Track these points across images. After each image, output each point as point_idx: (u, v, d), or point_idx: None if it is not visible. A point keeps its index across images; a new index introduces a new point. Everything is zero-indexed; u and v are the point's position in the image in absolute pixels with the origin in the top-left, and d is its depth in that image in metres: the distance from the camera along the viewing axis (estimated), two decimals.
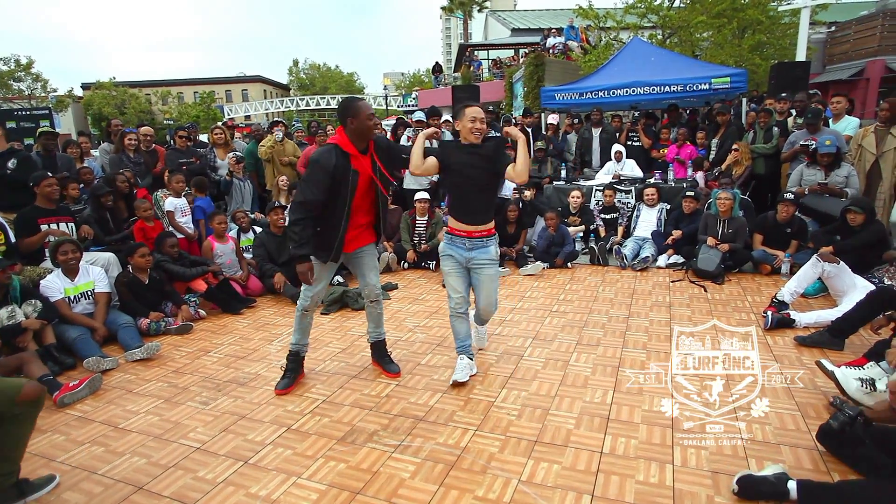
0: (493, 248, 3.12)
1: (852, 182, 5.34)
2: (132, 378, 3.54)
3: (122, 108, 37.55)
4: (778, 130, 6.41)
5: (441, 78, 27.40)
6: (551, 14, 30.72)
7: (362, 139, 2.99)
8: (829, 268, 4.06)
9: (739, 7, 12.34)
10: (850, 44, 14.00)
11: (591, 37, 16.80)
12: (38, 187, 4.46)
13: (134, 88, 41.21)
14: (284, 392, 3.20)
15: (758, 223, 5.54)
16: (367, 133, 2.98)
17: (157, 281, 4.53)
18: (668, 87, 7.68)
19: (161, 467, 2.51)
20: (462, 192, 3.12)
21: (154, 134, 6.76)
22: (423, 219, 6.14)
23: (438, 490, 2.27)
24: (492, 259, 3.13)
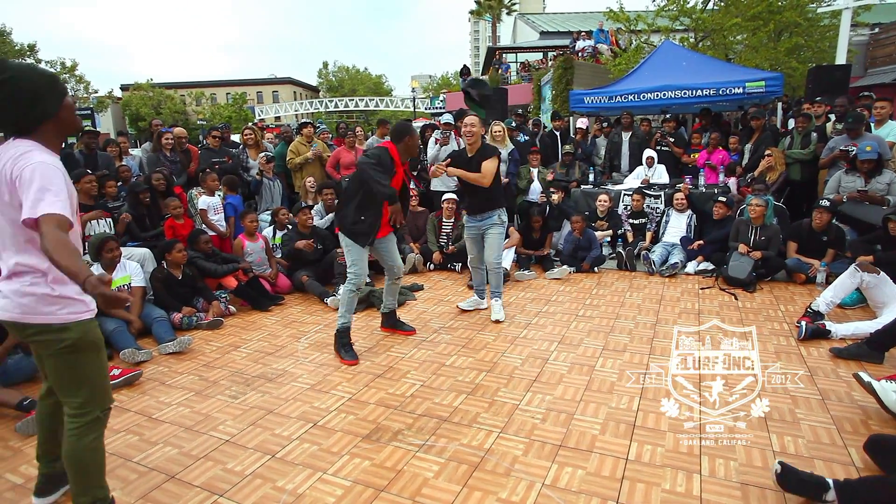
0: (496, 216, 4.38)
1: (894, 190, 5.15)
2: (165, 370, 3.65)
3: (158, 109, 38.71)
4: (816, 136, 6.23)
5: None
6: (581, 17, 30.45)
7: (407, 154, 3.88)
8: (869, 278, 3.92)
9: (776, 9, 11.99)
10: (895, 46, 13.50)
11: (621, 40, 16.59)
12: (77, 184, 4.64)
13: (169, 90, 42.44)
14: (354, 362, 3.66)
15: (792, 231, 5.39)
16: (413, 151, 3.95)
17: (189, 277, 4.66)
18: (700, 90, 7.53)
19: (192, 458, 2.58)
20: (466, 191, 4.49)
21: (187, 135, 6.95)
22: (449, 220, 6.16)
23: (462, 491, 2.28)
24: (495, 223, 4.39)
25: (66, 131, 1.99)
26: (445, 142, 6.54)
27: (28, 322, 1.88)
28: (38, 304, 1.86)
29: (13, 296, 1.86)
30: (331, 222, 5.92)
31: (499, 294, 4.53)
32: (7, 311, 1.88)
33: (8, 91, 1.77)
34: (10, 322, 1.90)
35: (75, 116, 1.98)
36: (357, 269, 3.79)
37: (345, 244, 3.82)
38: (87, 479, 2.03)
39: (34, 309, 1.86)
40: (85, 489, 2.03)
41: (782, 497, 2.17)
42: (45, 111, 1.85)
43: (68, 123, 1.94)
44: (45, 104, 1.84)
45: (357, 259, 3.78)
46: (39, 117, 1.84)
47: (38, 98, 1.82)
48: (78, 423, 1.96)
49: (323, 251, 5.55)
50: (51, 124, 1.88)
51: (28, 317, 1.87)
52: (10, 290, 1.87)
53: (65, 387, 1.96)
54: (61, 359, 1.91)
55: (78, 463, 2.00)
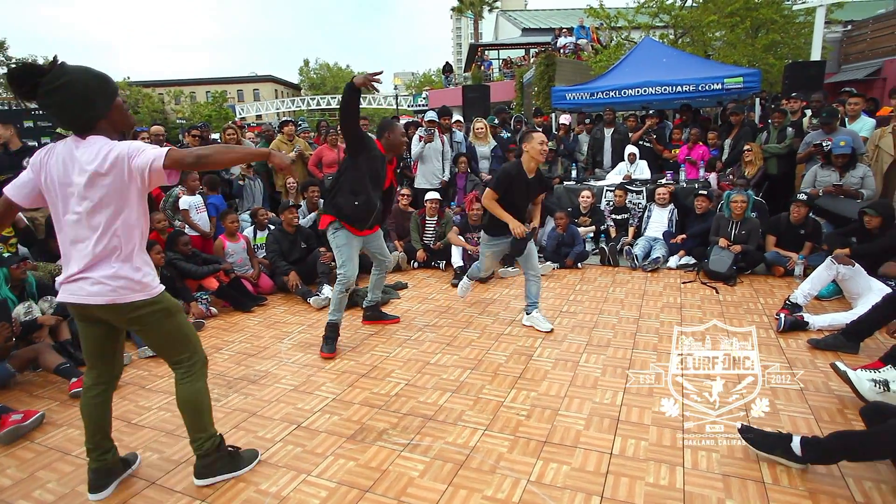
0: None
1: (868, 183, 5.27)
2: (145, 374, 3.58)
3: (135, 108, 37.96)
4: (792, 131, 6.34)
5: (451, 78, 27.41)
6: (562, 14, 30.62)
7: (392, 151, 3.87)
8: (844, 270, 4.01)
9: (753, 6, 12.19)
10: (867, 43, 13.80)
11: (602, 36, 16.71)
12: None
13: (147, 88, 41.69)
14: (331, 355, 3.68)
15: (771, 224, 5.48)
16: (399, 148, 3.91)
17: (168, 279, 4.57)
18: (680, 87, 7.62)
19: (173, 462, 2.53)
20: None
21: (166, 133, 6.82)
22: (433, 219, 6.15)
23: (447, 489, 2.27)
24: None
25: (119, 128, 2.10)
26: (430, 139, 6.52)
27: (126, 302, 2.04)
28: (130, 284, 2.03)
29: (108, 280, 2.00)
30: (314, 221, 5.86)
31: (538, 303, 4.23)
32: (103, 296, 2.01)
33: (65, 94, 1.90)
34: (109, 305, 2.03)
35: (127, 115, 2.13)
36: (347, 269, 3.74)
37: (335, 244, 3.76)
38: (203, 418, 2.32)
39: (130, 287, 2.03)
40: (203, 427, 2.32)
41: (763, 488, 2.20)
42: (98, 111, 1.98)
43: (120, 122, 2.08)
44: (98, 105, 1.97)
45: (348, 259, 3.73)
46: (95, 116, 1.98)
47: (91, 99, 1.95)
48: (190, 373, 2.25)
49: (307, 250, 5.50)
50: (104, 123, 2.02)
51: (126, 296, 2.03)
52: (101, 276, 2.00)
53: (172, 348, 2.24)
54: (162, 325, 2.16)
55: (195, 406, 2.28)
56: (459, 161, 6.80)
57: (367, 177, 3.66)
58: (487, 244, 4.27)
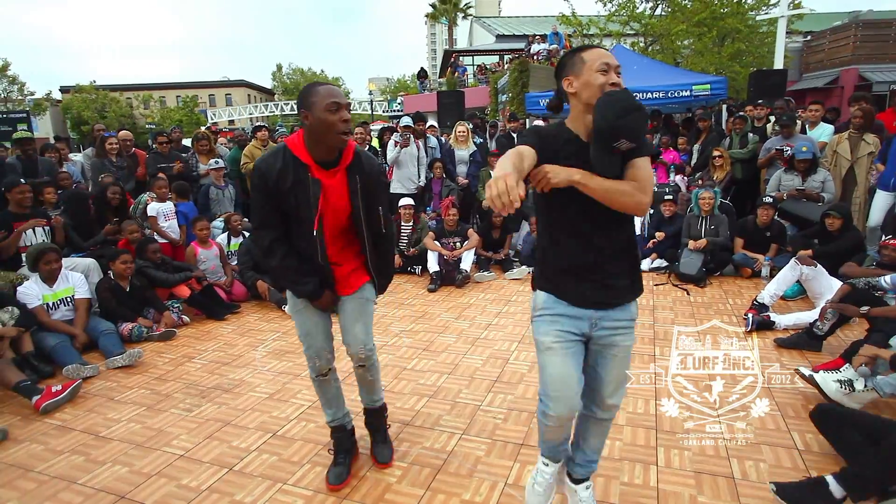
0: (634, 308, 1.89)
1: (828, 187, 5.47)
2: (114, 385, 3.48)
3: (102, 112, 36.94)
4: (756, 136, 6.55)
5: (426, 83, 27.50)
6: (535, 21, 31.04)
7: (320, 144, 2.06)
8: (807, 271, 4.16)
9: (719, 16, 12.59)
10: (825, 53, 14.38)
11: (574, 43, 17.00)
12: (9, 194, 4.38)
13: (115, 92, 40.63)
14: (338, 487, 2.32)
15: (738, 227, 5.65)
16: (326, 135, 2.02)
17: (138, 287, 4.47)
18: (650, 93, 7.80)
19: (144, 475, 2.47)
20: None
21: (133, 138, 6.67)
22: (408, 224, 6.15)
23: (425, 494, 2.27)
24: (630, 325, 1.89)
25: None
26: (406, 144, 6.53)
27: None
28: None
29: None
30: None
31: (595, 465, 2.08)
32: None
33: None
34: None
35: None
36: (308, 346, 2.36)
37: (290, 305, 2.38)
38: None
39: None
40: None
41: (733, 483, 2.26)
42: None
43: None
44: None
45: (307, 331, 2.34)
46: None
47: None
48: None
49: None
50: None
51: None
52: None
53: None
54: None
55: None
56: (435, 166, 6.83)
57: (299, 227, 2.17)
58: None
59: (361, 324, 2.33)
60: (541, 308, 1.83)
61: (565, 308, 1.79)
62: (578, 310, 1.78)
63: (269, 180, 2.05)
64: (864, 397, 2.69)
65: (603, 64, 1.67)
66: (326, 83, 2.08)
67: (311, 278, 2.19)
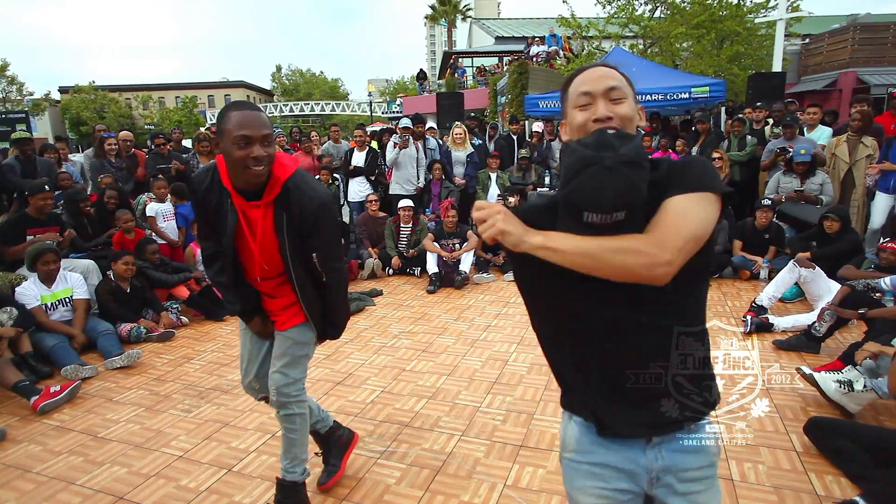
0: None
1: (827, 189, 5.49)
2: (112, 386, 3.48)
3: (101, 113, 36.90)
4: (755, 139, 6.56)
5: (425, 85, 27.50)
6: (534, 22, 31.08)
7: (237, 176, 1.82)
8: (806, 273, 4.16)
9: (717, 18, 12.61)
10: (824, 55, 14.41)
11: (573, 45, 17.03)
12: (32, 198, 4.39)
13: (114, 93, 40.60)
14: (327, 486, 2.32)
15: (737, 229, 5.66)
16: (234, 169, 1.80)
17: (138, 288, 4.47)
18: (649, 95, 7.81)
19: (142, 476, 2.47)
20: None
21: (133, 139, 6.66)
22: (407, 226, 6.15)
23: (424, 495, 2.27)
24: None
25: None
26: (405, 145, 6.54)
27: None
28: None
29: None
30: None
31: None
32: None
33: None
34: None
35: None
36: (241, 372, 2.23)
37: None
38: None
39: None
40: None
41: (732, 485, 2.26)
42: None
43: None
44: None
45: (241, 355, 2.22)
46: None
47: None
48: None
49: None
50: None
51: None
52: None
53: None
54: None
55: None
56: (434, 168, 6.83)
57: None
58: None
59: (281, 363, 2.08)
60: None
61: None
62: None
63: (199, 195, 1.95)
64: (864, 398, 2.69)
65: (582, 95, 1.17)
66: (246, 108, 1.76)
67: (238, 303, 2.10)
